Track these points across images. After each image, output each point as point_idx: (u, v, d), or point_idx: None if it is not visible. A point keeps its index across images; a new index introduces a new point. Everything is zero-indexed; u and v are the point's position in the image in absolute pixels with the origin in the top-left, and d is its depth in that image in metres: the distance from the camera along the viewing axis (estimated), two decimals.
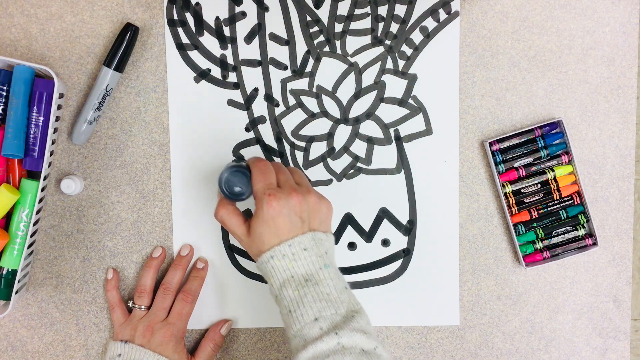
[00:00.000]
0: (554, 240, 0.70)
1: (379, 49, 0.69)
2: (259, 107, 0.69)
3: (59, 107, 0.65)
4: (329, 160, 0.70)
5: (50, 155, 0.65)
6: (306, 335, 0.52)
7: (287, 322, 0.54)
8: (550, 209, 0.70)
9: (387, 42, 0.69)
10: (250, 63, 0.69)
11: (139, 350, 0.63)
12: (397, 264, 0.71)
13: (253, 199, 0.56)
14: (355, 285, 0.71)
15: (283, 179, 0.57)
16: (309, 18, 0.68)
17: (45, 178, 0.64)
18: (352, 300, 0.54)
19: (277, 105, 0.69)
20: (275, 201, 0.53)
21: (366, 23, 0.69)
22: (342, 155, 0.70)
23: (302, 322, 0.52)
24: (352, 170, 0.70)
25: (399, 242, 0.71)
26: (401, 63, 0.69)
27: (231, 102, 0.69)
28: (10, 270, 0.64)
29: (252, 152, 0.69)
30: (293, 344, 0.53)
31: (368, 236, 0.70)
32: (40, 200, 0.64)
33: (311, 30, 0.69)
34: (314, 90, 0.69)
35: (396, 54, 0.69)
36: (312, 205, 0.55)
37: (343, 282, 0.55)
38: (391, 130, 0.70)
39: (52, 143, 0.65)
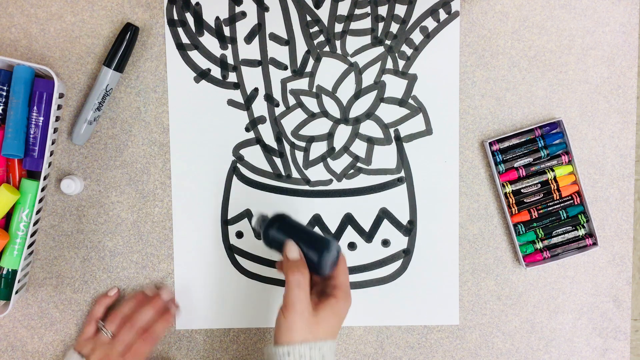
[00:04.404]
0: (554, 240, 0.70)
1: (379, 49, 0.69)
2: (259, 107, 0.69)
3: (59, 107, 0.65)
4: (329, 160, 0.70)
5: (50, 155, 0.65)
6: None
7: None
8: (550, 209, 0.70)
9: (387, 42, 0.69)
10: (250, 63, 0.69)
11: None
12: (397, 264, 0.71)
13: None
14: (355, 285, 0.71)
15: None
16: (309, 18, 0.68)
17: (45, 178, 0.64)
18: None
19: (277, 105, 0.69)
20: (350, 303, 0.55)
21: (366, 23, 0.69)
22: (342, 155, 0.70)
23: None
24: (352, 170, 0.70)
25: (399, 242, 0.71)
26: (401, 63, 0.69)
27: (231, 102, 0.69)
28: (10, 270, 0.64)
29: (253, 152, 0.69)
30: None
31: (368, 236, 0.70)
32: (40, 200, 0.64)
33: (311, 30, 0.69)
34: (314, 90, 0.69)
35: (396, 54, 0.69)
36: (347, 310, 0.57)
37: None
38: (391, 130, 0.70)
39: (52, 143, 0.65)
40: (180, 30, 0.68)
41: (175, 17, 0.68)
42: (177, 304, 0.70)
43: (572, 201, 0.70)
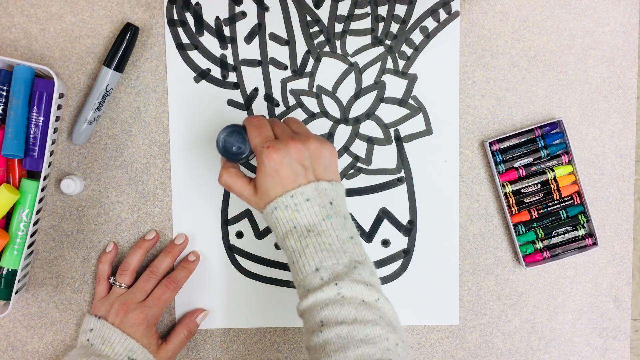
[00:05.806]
0: (554, 240, 0.70)
1: (379, 49, 0.69)
2: (259, 107, 0.69)
3: (59, 107, 0.65)
4: None
5: (50, 155, 0.65)
6: (308, 285, 0.52)
7: (292, 272, 0.54)
8: (550, 209, 0.70)
9: (387, 42, 0.69)
10: (250, 63, 0.69)
11: (109, 328, 0.63)
12: (397, 264, 0.71)
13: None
14: None
15: (280, 131, 0.57)
16: (309, 18, 0.68)
17: (45, 178, 0.64)
18: (356, 251, 0.54)
19: (277, 105, 0.69)
20: (274, 152, 0.53)
21: (366, 23, 0.69)
22: (342, 155, 0.70)
23: (305, 272, 0.52)
24: (352, 170, 0.70)
25: (399, 242, 0.71)
26: (401, 63, 0.69)
27: (231, 102, 0.69)
28: (10, 270, 0.64)
29: None
30: (298, 293, 0.54)
31: (368, 236, 0.70)
32: (40, 200, 0.64)
33: (311, 30, 0.69)
34: (314, 90, 0.69)
35: (396, 54, 0.69)
36: (313, 150, 0.55)
37: (349, 232, 0.54)
38: (391, 130, 0.70)
39: (52, 143, 0.65)
40: (180, 30, 0.68)
41: (175, 17, 0.68)
42: (197, 253, 0.69)
43: (572, 201, 0.70)
